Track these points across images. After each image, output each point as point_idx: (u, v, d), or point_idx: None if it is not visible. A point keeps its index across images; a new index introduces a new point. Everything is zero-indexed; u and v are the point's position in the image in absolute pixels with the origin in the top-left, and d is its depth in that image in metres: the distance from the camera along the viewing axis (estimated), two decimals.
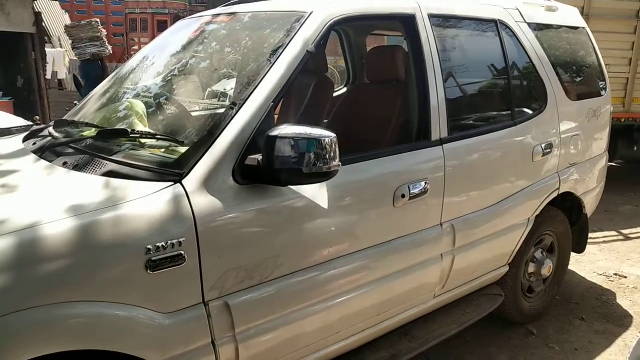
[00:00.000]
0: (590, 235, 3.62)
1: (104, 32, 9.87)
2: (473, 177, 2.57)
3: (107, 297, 1.52)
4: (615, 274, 4.01)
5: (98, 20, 9.85)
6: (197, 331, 1.71)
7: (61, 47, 13.87)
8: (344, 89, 3.80)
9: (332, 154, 1.71)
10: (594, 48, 3.59)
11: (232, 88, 2.34)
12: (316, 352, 2.11)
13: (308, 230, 1.94)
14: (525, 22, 3.01)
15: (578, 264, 4.13)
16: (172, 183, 1.68)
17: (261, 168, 1.70)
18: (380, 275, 2.21)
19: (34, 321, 1.40)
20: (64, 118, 2.43)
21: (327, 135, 1.71)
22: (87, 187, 1.69)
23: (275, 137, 1.66)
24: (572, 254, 3.53)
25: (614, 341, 3.10)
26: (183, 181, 1.69)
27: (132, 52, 17.62)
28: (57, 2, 15.88)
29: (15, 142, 2.33)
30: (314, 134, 1.70)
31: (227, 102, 2.02)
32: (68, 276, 1.46)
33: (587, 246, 3.59)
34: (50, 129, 2.33)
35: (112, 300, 1.52)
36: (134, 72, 2.66)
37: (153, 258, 1.56)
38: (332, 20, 2.10)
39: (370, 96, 3.01)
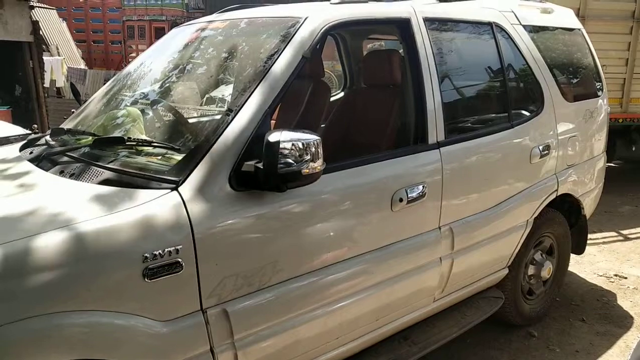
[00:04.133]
0: (589, 236, 3.62)
1: None
2: (471, 180, 2.57)
3: (105, 306, 1.51)
4: (616, 275, 4.00)
5: None
6: (196, 339, 1.71)
7: (59, 55, 13.89)
8: (342, 94, 3.80)
9: (318, 154, 1.74)
10: (590, 49, 3.60)
11: (230, 94, 2.34)
12: (316, 358, 2.10)
13: (306, 236, 1.94)
14: (520, 24, 3.02)
15: (578, 265, 4.12)
16: (169, 191, 1.68)
17: (261, 174, 1.70)
18: (379, 279, 2.21)
19: (32, 331, 1.39)
20: (60, 126, 2.43)
21: (315, 137, 1.73)
22: (84, 195, 1.69)
23: (278, 142, 1.66)
24: (572, 256, 3.52)
25: (615, 342, 3.09)
26: (180, 189, 1.69)
27: (130, 60, 17.65)
28: (55, 10, 15.90)
29: (12, 151, 2.33)
30: (309, 137, 1.71)
31: (224, 109, 2.02)
32: (65, 285, 1.46)
33: (587, 247, 3.59)
34: (47, 137, 2.33)
35: (110, 309, 1.52)
36: (131, 79, 2.66)
37: (150, 266, 1.56)
38: (327, 26, 2.10)
39: (367, 100, 3.00)
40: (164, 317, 1.63)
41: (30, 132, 4.78)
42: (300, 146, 1.69)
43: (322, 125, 3.07)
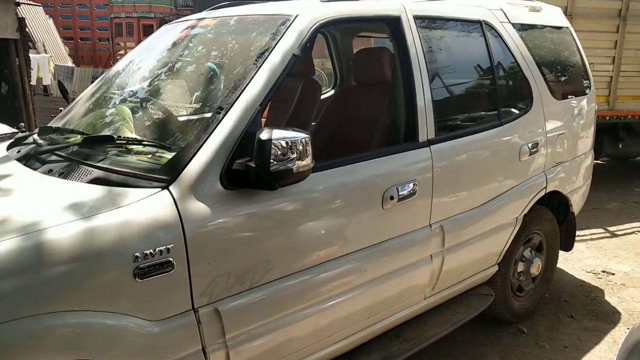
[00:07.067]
0: (578, 233, 3.65)
1: None
2: (461, 177, 2.58)
3: (96, 306, 1.50)
4: (603, 271, 4.05)
5: None
6: (188, 338, 1.70)
7: (46, 52, 13.74)
8: (332, 91, 3.80)
9: (307, 151, 1.73)
10: (577, 47, 3.63)
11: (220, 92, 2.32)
12: (308, 356, 2.10)
13: (298, 234, 1.94)
14: (509, 22, 3.03)
15: (566, 262, 4.16)
16: (160, 189, 1.67)
17: (252, 172, 1.69)
18: (370, 277, 2.21)
19: (22, 332, 1.38)
20: (49, 125, 2.41)
21: (305, 134, 1.73)
22: (73, 195, 1.67)
23: (269, 140, 1.66)
24: (561, 252, 3.55)
25: (603, 338, 3.13)
26: (170, 187, 1.68)
27: (118, 57, 17.51)
28: (41, 7, 15.73)
29: None
30: (298, 135, 1.71)
31: (214, 107, 2.01)
32: (55, 286, 1.44)
33: (575, 244, 3.62)
34: (35, 136, 2.30)
35: (101, 309, 1.51)
36: (120, 77, 2.63)
37: (141, 266, 1.55)
38: (317, 24, 2.10)
39: (358, 98, 3.01)
40: (156, 316, 1.62)
41: (17, 130, 4.72)
42: (291, 144, 1.69)
43: (313, 123, 3.07)
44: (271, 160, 1.66)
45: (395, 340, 2.48)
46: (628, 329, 3.18)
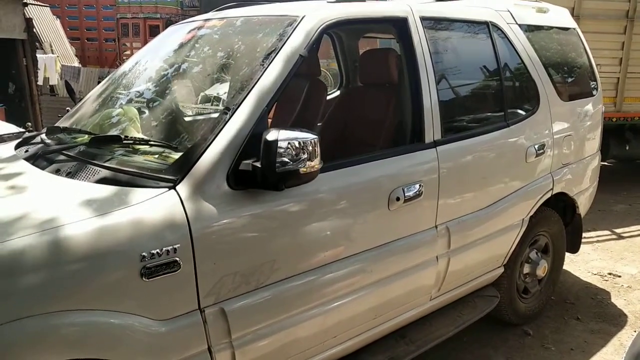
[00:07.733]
0: (584, 235, 3.64)
1: None
2: (467, 179, 2.58)
3: (102, 306, 1.51)
4: (610, 274, 4.03)
5: None
6: (194, 338, 1.70)
7: (53, 52, 13.80)
8: (337, 92, 3.80)
9: (316, 152, 1.74)
10: (584, 48, 3.61)
11: (225, 92, 2.33)
12: (314, 356, 2.10)
13: (303, 235, 1.94)
14: (516, 23, 3.03)
15: (573, 264, 4.14)
16: (167, 189, 1.68)
17: (259, 173, 1.70)
18: (376, 278, 2.21)
19: (28, 331, 1.39)
20: (56, 125, 2.42)
21: (312, 135, 1.73)
22: (81, 194, 1.68)
23: (276, 141, 1.66)
24: (567, 254, 3.54)
25: (610, 341, 3.11)
26: (177, 187, 1.68)
27: (124, 57, 17.57)
28: (49, 8, 15.79)
29: (7, 150, 2.32)
30: (306, 136, 1.71)
31: (220, 107, 2.02)
32: (62, 285, 1.45)
33: (582, 246, 3.61)
34: (43, 136, 2.31)
35: (107, 308, 1.52)
36: (127, 77, 2.65)
37: (148, 265, 1.55)
38: (324, 25, 2.10)
39: (364, 99, 3.01)
40: (162, 316, 1.62)
41: (24, 130, 4.74)
42: (298, 145, 1.69)
43: (319, 124, 3.07)
44: (277, 161, 1.66)
45: (401, 341, 2.48)
46: (635, 331, 3.17)
